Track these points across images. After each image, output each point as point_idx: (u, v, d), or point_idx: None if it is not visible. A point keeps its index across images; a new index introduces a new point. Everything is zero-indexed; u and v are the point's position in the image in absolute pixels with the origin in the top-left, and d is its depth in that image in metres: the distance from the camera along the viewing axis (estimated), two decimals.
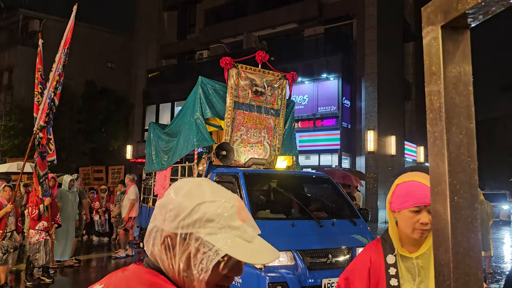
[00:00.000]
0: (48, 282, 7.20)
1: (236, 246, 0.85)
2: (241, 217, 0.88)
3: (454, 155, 0.64)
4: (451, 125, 0.65)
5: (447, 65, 0.66)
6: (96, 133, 22.44)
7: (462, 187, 0.64)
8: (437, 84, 0.67)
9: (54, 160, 7.40)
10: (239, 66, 6.60)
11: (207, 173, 6.22)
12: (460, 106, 0.66)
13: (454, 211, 0.63)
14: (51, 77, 6.92)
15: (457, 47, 0.66)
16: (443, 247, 0.63)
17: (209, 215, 0.85)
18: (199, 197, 0.87)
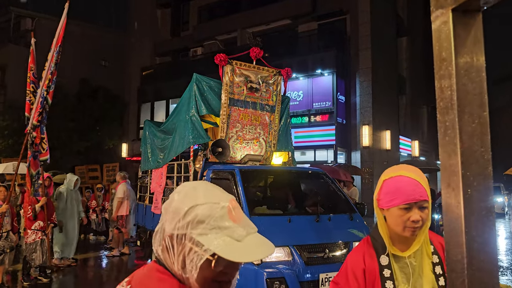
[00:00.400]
0: (45, 281, 7.18)
1: (224, 245, 0.90)
2: (233, 217, 0.94)
3: (467, 145, 0.61)
4: (463, 113, 0.61)
5: (459, 50, 0.62)
6: (90, 132, 22.32)
7: (476, 179, 0.61)
8: (448, 71, 0.62)
9: (47, 159, 7.37)
10: (233, 62, 6.59)
11: (203, 170, 6.22)
12: (473, 93, 0.62)
13: (467, 205, 0.60)
14: (43, 76, 6.87)
15: (468, 32, 0.62)
16: (456, 242, 0.61)
17: (200, 217, 0.92)
18: (193, 200, 0.95)
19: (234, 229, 0.93)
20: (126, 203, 9.64)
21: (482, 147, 0.62)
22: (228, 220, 0.93)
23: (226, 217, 0.93)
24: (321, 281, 4.81)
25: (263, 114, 6.91)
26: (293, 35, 19.12)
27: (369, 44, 16.98)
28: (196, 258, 0.92)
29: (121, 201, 9.50)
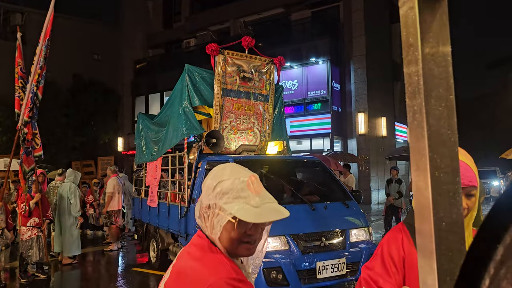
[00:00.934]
0: (43, 278, 7.16)
1: (242, 209, 1.15)
2: (251, 189, 1.18)
3: (434, 128, 0.63)
4: (430, 97, 0.63)
5: (425, 35, 0.64)
6: (85, 127, 22.19)
7: (443, 161, 0.62)
8: (414, 56, 0.64)
9: (41, 155, 7.30)
10: (225, 52, 6.51)
11: (198, 161, 6.17)
12: (439, 77, 0.64)
13: (435, 186, 0.62)
14: (32, 71, 6.77)
15: (434, 16, 0.64)
16: (426, 223, 0.62)
17: (224, 189, 1.19)
18: (220, 177, 1.21)
19: (252, 198, 1.17)
20: (117, 197, 9.58)
21: (449, 130, 0.64)
22: (247, 191, 1.17)
23: (245, 189, 1.18)
24: (318, 269, 4.80)
25: (257, 103, 6.85)
26: (286, 23, 18.97)
27: (363, 31, 16.87)
28: (221, 220, 1.17)
29: (111, 195, 9.45)
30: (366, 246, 5.26)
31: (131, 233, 11.07)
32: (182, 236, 6.33)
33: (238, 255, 1.23)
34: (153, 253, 7.77)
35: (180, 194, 6.65)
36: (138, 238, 9.10)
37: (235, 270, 1.18)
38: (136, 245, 10.02)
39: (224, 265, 1.17)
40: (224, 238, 1.18)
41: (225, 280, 1.12)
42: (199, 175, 6.10)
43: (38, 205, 7.11)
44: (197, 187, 6.05)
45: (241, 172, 1.24)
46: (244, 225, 1.16)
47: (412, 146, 0.65)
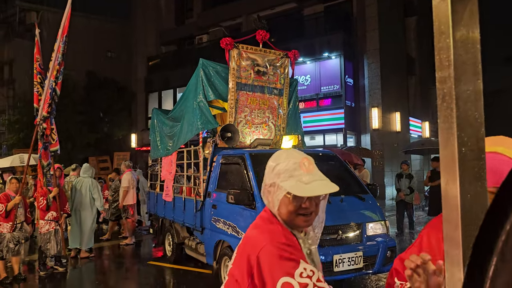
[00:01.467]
0: (61, 271, 7.28)
1: (294, 185, 1.36)
2: (303, 169, 1.39)
3: (462, 110, 0.70)
4: (460, 81, 0.69)
5: (455, 24, 0.70)
6: (99, 123, 22.44)
7: (470, 139, 0.69)
8: (446, 43, 0.70)
9: (58, 150, 7.39)
10: (240, 46, 6.51)
11: (213, 155, 6.19)
12: (468, 63, 0.70)
13: (462, 162, 0.69)
14: (51, 67, 6.85)
15: (465, 7, 0.70)
16: (452, 196, 0.69)
17: (280, 170, 1.40)
18: (277, 160, 1.44)
19: (303, 176, 1.37)
20: (132, 192, 9.69)
21: (476, 112, 0.71)
22: (299, 171, 1.38)
23: (297, 168, 1.39)
24: (335, 263, 4.79)
25: (271, 97, 6.84)
26: (299, 18, 18.86)
27: (377, 25, 16.69)
28: (279, 195, 1.40)
29: (126, 190, 9.56)
30: (383, 239, 5.23)
31: (146, 227, 11.18)
32: (197, 229, 6.37)
33: (296, 226, 1.43)
34: (169, 247, 7.84)
35: (195, 188, 6.69)
36: (153, 232, 9.18)
37: (286, 237, 1.37)
38: (152, 239, 10.12)
39: (277, 233, 1.38)
40: (283, 211, 1.41)
41: (275, 244, 1.33)
42: (214, 169, 6.13)
43: (56, 199, 7.21)
44: (212, 181, 6.08)
45: (295, 155, 1.45)
46: (299, 199, 1.38)
47: (441, 126, 0.72)
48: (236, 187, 5.30)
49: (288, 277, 1.25)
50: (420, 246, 1.52)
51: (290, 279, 1.25)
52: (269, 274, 1.29)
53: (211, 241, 5.90)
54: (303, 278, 1.25)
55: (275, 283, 1.26)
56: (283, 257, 1.29)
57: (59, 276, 7.13)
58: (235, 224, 5.30)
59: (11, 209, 6.56)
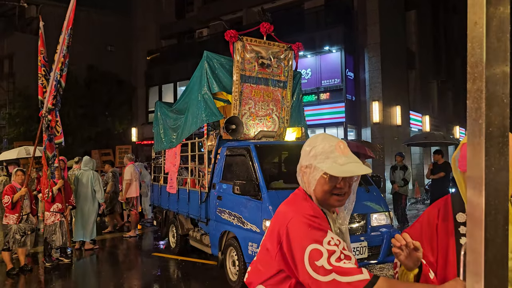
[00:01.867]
0: (67, 262, 7.34)
1: (331, 166, 1.46)
2: (339, 151, 1.49)
3: (491, 91, 0.78)
4: (490, 66, 0.78)
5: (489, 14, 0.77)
6: (100, 117, 22.43)
7: (497, 118, 0.78)
8: (479, 32, 0.78)
9: (62, 142, 7.43)
10: (244, 39, 6.54)
11: (218, 147, 6.24)
12: (499, 50, 0.78)
13: (488, 139, 0.77)
14: (56, 59, 6.87)
15: None
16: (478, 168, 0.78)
17: (318, 152, 1.51)
18: (313, 143, 1.54)
19: (339, 158, 1.47)
20: (134, 185, 9.75)
21: (503, 93, 0.79)
22: (335, 153, 1.48)
23: (334, 151, 1.49)
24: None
25: (275, 90, 6.88)
26: (300, 12, 18.84)
27: (377, 19, 16.68)
28: (316, 175, 1.49)
29: (129, 182, 9.63)
30: (387, 230, 5.29)
31: (149, 220, 11.25)
32: (202, 221, 6.43)
33: (330, 205, 1.53)
34: (173, 239, 7.90)
35: (200, 180, 6.74)
36: (157, 224, 9.24)
37: (314, 210, 1.47)
38: (155, 231, 10.19)
39: (306, 206, 1.49)
40: (318, 191, 1.50)
41: (304, 215, 1.43)
42: (219, 161, 6.18)
43: (61, 191, 7.26)
44: (217, 172, 6.13)
45: (331, 138, 1.55)
46: (334, 180, 1.48)
47: (470, 107, 0.81)
48: (241, 178, 5.35)
49: (317, 244, 1.34)
50: (421, 222, 1.69)
51: (319, 246, 1.34)
52: (298, 242, 1.38)
53: (216, 232, 5.96)
54: (331, 246, 1.34)
55: (303, 250, 1.35)
56: (312, 226, 1.39)
57: (64, 267, 7.19)
58: (240, 214, 5.35)
59: (17, 201, 6.61)
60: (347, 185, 1.50)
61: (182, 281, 6.48)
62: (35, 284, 6.47)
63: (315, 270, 1.31)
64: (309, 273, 1.33)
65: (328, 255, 1.31)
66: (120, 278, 6.55)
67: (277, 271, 1.48)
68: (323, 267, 1.30)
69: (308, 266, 1.33)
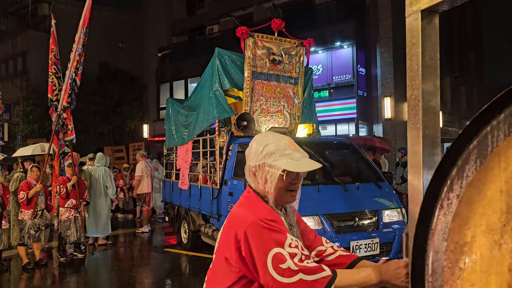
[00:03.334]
0: (81, 257, 7.45)
1: (288, 163, 1.49)
2: (292, 148, 1.53)
3: (426, 101, 0.98)
4: (425, 79, 0.98)
5: (424, 38, 0.97)
6: (112, 114, 22.61)
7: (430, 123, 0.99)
8: (416, 51, 0.98)
9: (73, 139, 7.52)
10: (255, 35, 6.53)
11: (229, 144, 6.26)
12: (431, 67, 0.99)
13: (424, 138, 0.99)
14: (71, 58, 6.95)
15: (431, 26, 0.98)
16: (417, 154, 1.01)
17: (271, 150, 1.52)
18: (265, 142, 1.55)
19: (294, 154, 1.51)
20: (146, 181, 9.83)
21: (435, 103, 1.00)
22: (288, 150, 1.52)
23: (287, 148, 1.52)
24: (352, 249, 4.85)
25: (287, 86, 6.87)
26: (311, 7, 18.72)
27: (389, 13, 16.50)
28: (273, 174, 1.50)
29: (140, 179, 9.73)
30: (399, 226, 5.26)
31: (161, 216, 11.34)
32: (214, 217, 6.46)
33: (285, 202, 1.58)
34: (185, 235, 7.96)
35: (211, 176, 6.77)
36: (169, 220, 9.32)
37: (271, 214, 1.49)
38: (167, 227, 10.28)
39: (262, 210, 1.50)
40: (276, 189, 1.51)
41: (260, 219, 1.43)
42: (230, 157, 6.20)
43: (75, 187, 7.36)
44: (229, 169, 6.15)
45: (281, 136, 1.59)
46: (291, 176, 1.51)
47: (410, 113, 1.00)
48: None
49: (279, 247, 1.38)
50: None
51: (281, 250, 1.38)
52: (260, 247, 1.39)
53: None
54: (292, 248, 1.39)
55: (266, 255, 1.37)
56: (272, 230, 1.42)
57: (78, 262, 7.30)
58: None
59: (32, 197, 6.72)
60: (300, 180, 1.55)
61: (194, 276, 6.54)
62: (50, 278, 6.58)
63: (280, 273, 1.34)
64: (273, 277, 1.35)
65: (291, 258, 1.36)
66: (133, 273, 6.63)
67: (238, 277, 1.46)
68: (289, 269, 1.35)
69: (272, 270, 1.36)
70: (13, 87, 25.83)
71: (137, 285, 6.14)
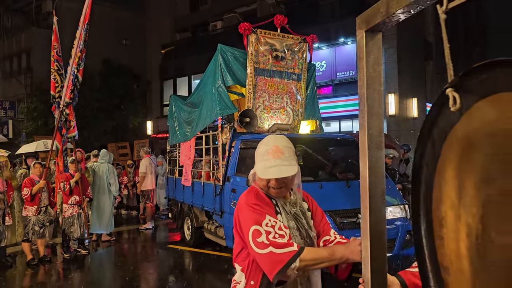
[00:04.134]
0: (85, 253, 7.48)
1: (259, 168, 1.77)
2: (271, 154, 1.76)
3: (370, 104, 1.14)
4: (370, 88, 1.14)
5: (368, 53, 1.13)
6: (115, 111, 22.64)
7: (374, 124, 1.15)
8: (363, 64, 1.14)
9: (76, 135, 7.54)
10: (258, 31, 6.51)
11: (232, 140, 6.25)
12: (375, 77, 1.14)
13: (369, 138, 1.15)
14: (73, 54, 6.96)
15: (374, 42, 1.15)
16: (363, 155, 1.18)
17: (258, 153, 1.83)
18: (259, 145, 1.85)
19: (268, 161, 1.75)
20: (150, 178, 9.85)
21: (379, 106, 1.15)
22: (267, 156, 1.76)
23: (266, 154, 1.77)
24: None
25: (289, 82, 6.84)
26: (314, 3, 18.62)
27: None
28: (254, 173, 1.83)
29: (143, 175, 9.75)
30: (402, 223, 5.24)
31: (164, 212, 11.37)
32: (217, 213, 6.47)
33: (272, 195, 1.85)
34: (188, 231, 7.98)
35: (214, 173, 6.77)
36: (172, 217, 9.34)
37: (257, 198, 1.81)
38: (170, 224, 10.31)
39: (251, 196, 1.82)
40: (259, 184, 1.84)
41: (247, 203, 1.79)
42: (233, 154, 6.19)
43: (78, 184, 7.38)
44: (232, 165, 6.14)
45: (269, 142, 1.81)
46: (263, 178, 1.79)
47: (360, 116, 1.17)
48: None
49: (257, 225, 1.71)
50: None
51: (259, 227, 1.71)
52: (244, 224, 1.77)
53: (231, 224, 5.98)
54: (268, 227, 1.70)
55: (248, 230, 1.73)
56: (253, 211, 1.76)
57: (82, 258, 7.34)
58: None
59: (36, 193, 6.75)
60: (280, 182, 1.77)
61: (197, 272, 6.55)
62: (54, 274, 6.62)
63: (256, 245, 1.68)
64: (252, 248, 1.69)
65: (266, 234, 1.68)
66: (137, 269, 6.65)
67: (241, 248, 1.85)
68: (263, 242, 1.67)
69: (252, 243, 1.69)
70: (17, 84, 25.92)
71: (140, 281, 6.16)
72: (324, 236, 1.97)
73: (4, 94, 27.13)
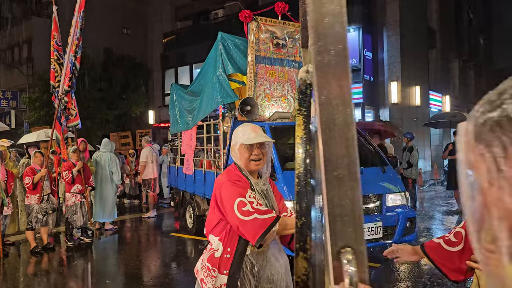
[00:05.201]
0: (88, 241, 7.54)
1: (243, 138, 2.20)
2: (251, 130, 2.22)
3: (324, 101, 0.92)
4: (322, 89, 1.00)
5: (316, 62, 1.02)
6: (117, 100, 22.63)
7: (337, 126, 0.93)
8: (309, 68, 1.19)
9: (78, 124, 7.55)
10: (258, 19, 6.45)
11: (233, 129, 6.23)
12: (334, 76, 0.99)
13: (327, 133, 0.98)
14: (69, 42, 6.94)
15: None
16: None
17: (239, 132, 2.25)
18: (238, 128, 2.29)
19: (250, 134, 2.19)
20: (151, 166, 9.87)
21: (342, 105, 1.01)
22: (248, 131, 2.21)
23: (247, 131, 2.22)
24: None
25: (291, 70, 6.80)
26: None
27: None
28: (238, 147, 2.22)
29: (144, 165, 9.78)
30: (403, 210, 5.25)
31: (167, 201, 11.43)
32: None
33: (251, 170, 2.24)
34: (190, 219, 8.02)
35: (215, 161, 6.78)
36: (174, 205, 9.38)
37: (238, 176, 2.21)
38: (173, 212, 10.36)
39: (233, 174, 2.22)
40: (241, 159, 2.22)
41: (230, 180, 2.19)
42: None
43: (80, 173, 7.41)
44: None
45: (247, 125, 2.27)
46: (250, 148, 2.19)
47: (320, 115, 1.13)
48: None
49: (242, 197, 2.09)
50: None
51: (243, 199, 2.08)
52: (228, 197, 2.12)
53: None
54: (251, 198, 2.09)
55: (233, 201, 2.08)
56: (237, 185, 2.15)
57: (85, 246, 7.40)
58: None
59: (38, 182, 6.79)
60: (261, 153, 2.21)
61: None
62: (58, 262, 6.68)
63: (242, 214, 2.03)
64: (238, 216, 2.03)
65: (250, 204, 2.05)
66: (140, 257, 6.71)
67: (218, 220, 2.21)
68: (248, 211, 2.03)
69: (237, 212, 2.04)
70: (19, 74, 25.90)
71: (143, 268, 6.21)
72: (283, 213, 2.36)
73: (6, 84, 27.14)
